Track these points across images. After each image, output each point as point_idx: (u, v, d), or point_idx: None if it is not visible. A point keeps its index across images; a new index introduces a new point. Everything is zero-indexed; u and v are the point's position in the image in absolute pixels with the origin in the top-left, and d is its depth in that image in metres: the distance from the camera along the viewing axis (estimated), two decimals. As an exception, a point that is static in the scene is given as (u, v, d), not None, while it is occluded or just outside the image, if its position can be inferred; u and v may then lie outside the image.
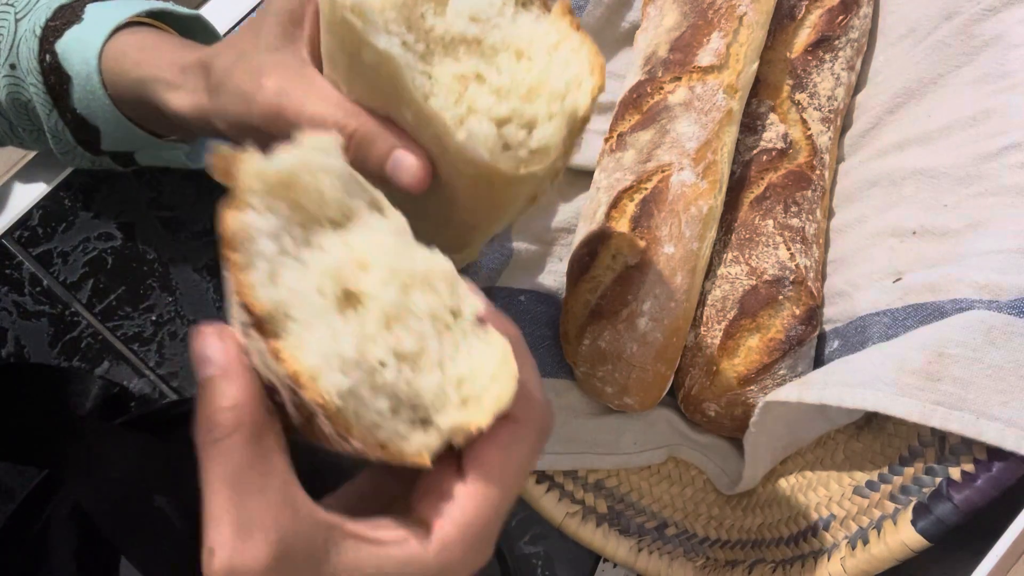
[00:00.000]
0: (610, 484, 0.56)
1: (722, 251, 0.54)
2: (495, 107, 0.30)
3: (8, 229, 0.60)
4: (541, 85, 0.31)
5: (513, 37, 0.31)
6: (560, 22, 0.32)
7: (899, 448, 0.48)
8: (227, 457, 0.25)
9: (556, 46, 0.31)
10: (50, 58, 0.45)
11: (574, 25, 0.31)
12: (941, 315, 0.44)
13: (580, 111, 0.30)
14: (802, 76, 0.56)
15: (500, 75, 0.31)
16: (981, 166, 0.47)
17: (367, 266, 0.26)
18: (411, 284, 0.27)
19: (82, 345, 0.59)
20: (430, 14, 0.31)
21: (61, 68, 0.45)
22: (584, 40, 0.31)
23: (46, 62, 0.46)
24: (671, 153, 0.51)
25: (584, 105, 0.30)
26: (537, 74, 0.31)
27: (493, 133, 0.30)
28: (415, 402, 0.27)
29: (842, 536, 0.47)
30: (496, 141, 0.30)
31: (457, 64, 0.31)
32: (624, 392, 0.53)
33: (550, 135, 0.31)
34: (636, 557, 0.52)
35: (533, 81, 0.31)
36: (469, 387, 0.27)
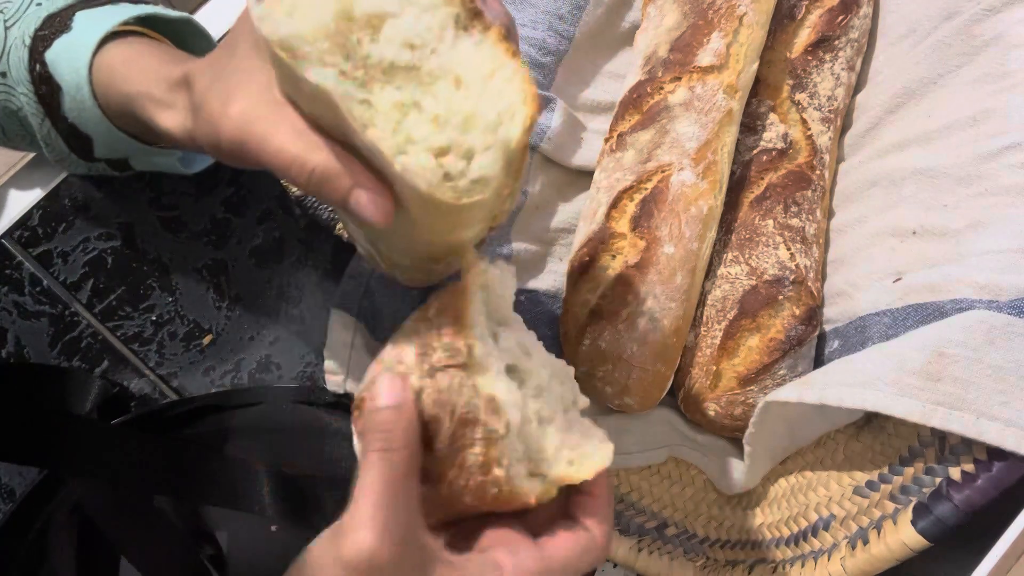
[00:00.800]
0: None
1: (722, 251, 0.54)
2: (433, 137, 0.30)
3: (8, 229, 0.60)
4: (476, 115, 0.30)
5: (452, 63, 0.31)
6: (496, 49, 0.31)
7: (899, 448, 0.48)
8: (392, 467, 0.32)
9: (491, 74, 0.30)
10: (40, 68, 0.45)
11: (509, 52, 0.31)
12: (941, 315, 0.44)
13: (513, 142, 0.30)
14: (802, 76, 0.56)
15: (437, 104, 0.30)
16: (981, 166, 0.47)
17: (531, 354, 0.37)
18: (554, 374, 0.39)
19: (82, 345, 0.59)
20: (366, 40, 0.30)
21: (51, 78, 0.45)
22: (518, 68, 0.30)
23: (36, 71, 0.45)
24: (671, 153, 0.51)
25: (516, 137, 0.30)
26: (472, 104, 0.30)
27: (432, 164, 0.30)
28: (537, 457, 0.35)
29: (842, 536, 0.47)
30: (435, 172, 0.30)
31: (396, 92, 0.31)
32: (624, 392, 0.53)
33: (488, 166, 0.30)
34: (636, 557, 0.52)
35: (469, 111, 0.30)
36: (575, 454, 0.37)
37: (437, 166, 0.30)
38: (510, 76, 0.30)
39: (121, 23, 0.45)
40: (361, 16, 0.30)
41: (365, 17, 0.30)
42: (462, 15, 0.31)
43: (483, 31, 0.31)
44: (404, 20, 0.30)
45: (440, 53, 0.31)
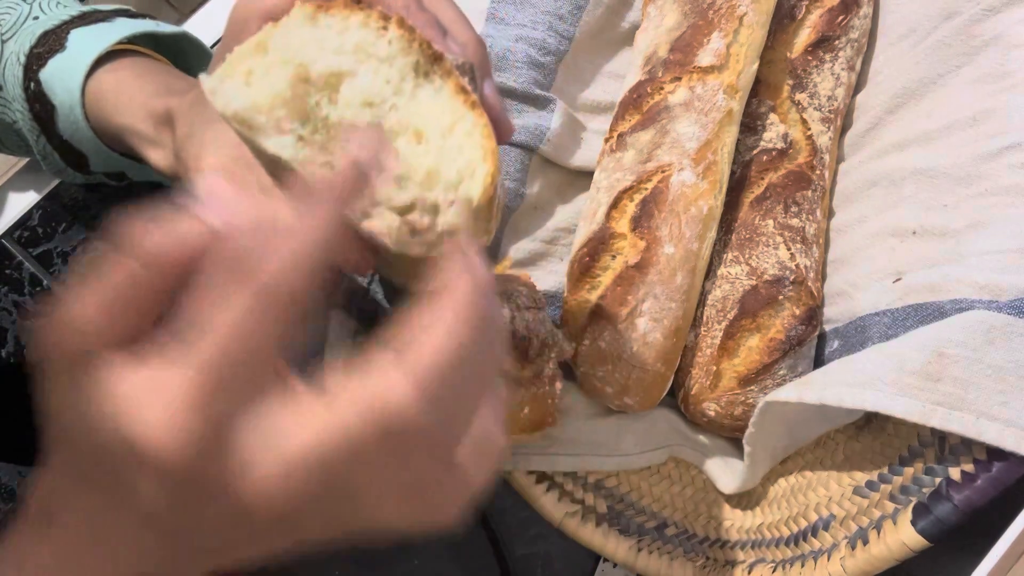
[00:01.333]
0: (610, 484, 0.56)
1: (722, 251, 0.54)
2: (397, 196, 0.29)
3: (8, 229, 0.60)
4: (437, 172, 0.30)
5: (412, 116, 0.30)
6: (455, 101, 0.30)
7: (899, 448, 0.48)
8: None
9: (450, 128, 0.30)
10: (34, 86, 0.45)
11: (468, 103, 0.30)
12: (941, 315, 0.44)
13: (475, 200, 0.29)
14: (802, 76, 0.56)
15: (398, 162, 0.30)
16: (981, 166, 0.47)
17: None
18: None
19: (82, 345, 0.59)
20: (324, 103, 0.30)
21: (45, 97, 0.45)
22: (478, 121, 0.30)
23: (31, 90, 0.45)
24: (671, 153, 0.51)
25: (478, 195, 0.29)
26: (432, 160, 0.30)
27: (396, 223, 0.29)
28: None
29: (842, 536, 0.47)
30: (401, 229, 0.30)
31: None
32: (624, 392, 0.53)
33: (453, 220, 0.30)
34: (636, 557, 0.52)
35: (430, 167, 0.30)
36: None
37: (403, 224, 0.29)
38: (469, 130, 0.30)
39: (115, 44, 0.45)
40: (318, 78, 0.30)
41: (322, 78, 0.30)
42: (421, 61, 0.30)
43: (443, 76, 0.30)
44: (362, 79, 0.30)
45: (399, 107, 0.30)
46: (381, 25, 0.30)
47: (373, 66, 0.30)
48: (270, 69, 0.30)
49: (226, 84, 0.29)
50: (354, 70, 0.30)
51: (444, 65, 0.30)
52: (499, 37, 0.57)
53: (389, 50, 0.30)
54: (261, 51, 0.30)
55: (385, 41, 0.30)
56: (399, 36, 0.30)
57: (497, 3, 0.58)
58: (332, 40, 0.30)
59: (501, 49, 0.57)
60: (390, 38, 0.30)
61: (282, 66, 0.30)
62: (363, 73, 0.30)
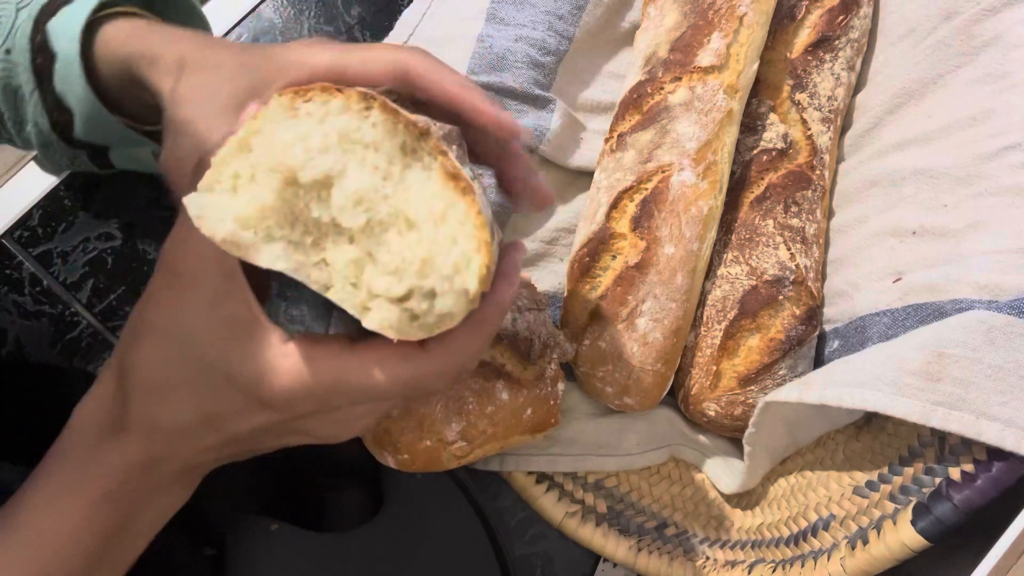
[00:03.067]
0: (610, 484, 0.56)
1: (722, 251, 0.54)
2: (393, 287, 0.29)
3: (8, 229, 0.60)
4: (432, 260, 0.29)
5: (402, 203, 0.30)
6: (445, 187, 0.29)
7: (899, 448, 0.48)
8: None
9: (442, 216, 0.29)
10: (40, 38, 0.46)
11: (459, 189, 0.29)
12: (941, 315, 0.44)
13: (470, 292, 0.29)
14: (802, 76, 0.56)
15: (392, 256, 0.29)
16: (981, 166, 0.47)
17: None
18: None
19: (82, 345, 0.59)
20: (314, 206, 0.30)
21: (48, 47, 0.46)
22: (470, 209, 0.29)
23: (36, 41, 0.46)
24: (671, 153, 0.51)
25: (472, 288, 0.29)
26: (426, 249, 0.29)
27: (395, 315, 0.29)
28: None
29: (842, 536, 0.47)
30: (401, 319, 0.30)
31: (350, 247, 0.30)
32: (624, 392, 0.53)
33: (451, 306, 0.29)
34: (636, 557, 0.52)
35: (424, 256, 0.29)
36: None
37: (402, 312, 0.29)
38: (462, 219, 0.29)
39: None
40: (308, 182, 0.29)
41: (311, 183, 0.29)
42: (408, 141, 0.30)
43: (431, 154, 0.30)
44: (351, 178, 0.29)
45: (389, 196, 0.30)
46: (363, 107, 0.30)
47: (359, 156, 0.30)
48: (256, 174, 0.29)
49: (213, 199, 0.29)
50: (343, 168, 0.29)
51: (431, 142, 0.30)
52: (499, 37, 0.57)
53: (374, 134, 0.30)
54: (244, 150, 0.29)
55: (369, 124, 0.30)
56: (383, 119, 0.29)
57: (497, 3, 0.58)
58: (315, 134, 0.29)
59: (501, 49, 0.57)
60: (373, 121, 0.30)
61: (268, 173, 0.29)
62: (352, 169, 0.29)
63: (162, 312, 0.33)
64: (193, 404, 0.33)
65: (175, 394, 0.33)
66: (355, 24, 0.66)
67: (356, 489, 0.55)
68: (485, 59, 0.56)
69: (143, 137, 0.50)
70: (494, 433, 0.48)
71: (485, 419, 0.47)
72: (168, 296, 0.33)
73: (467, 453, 0.47)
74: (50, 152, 0.51)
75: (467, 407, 0.47)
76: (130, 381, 0.34)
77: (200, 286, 0.32)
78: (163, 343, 0.33)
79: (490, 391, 0.47)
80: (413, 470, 0.47)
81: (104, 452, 0.34)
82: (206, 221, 0.29)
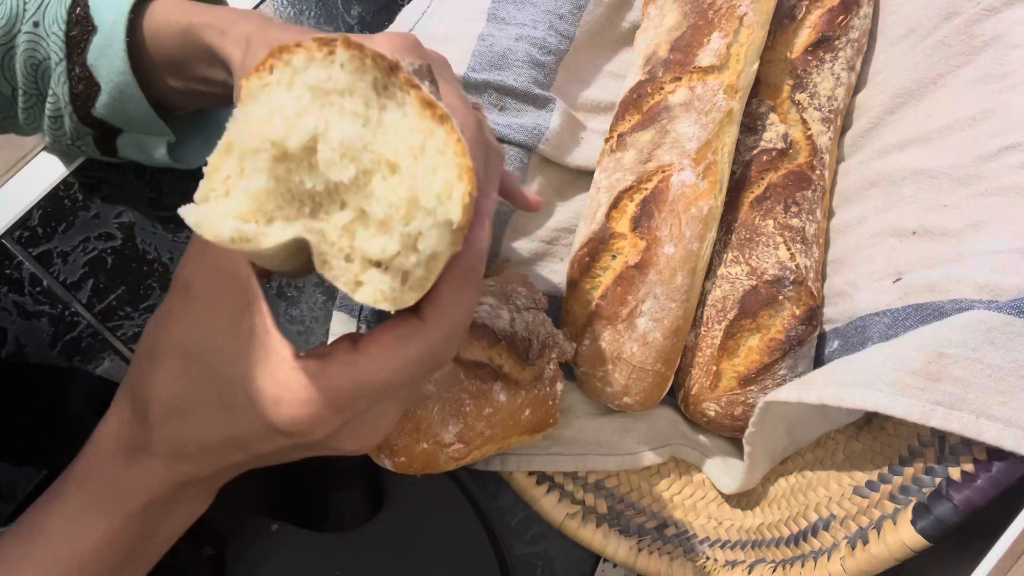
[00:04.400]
0: (610, 484, 0.56)
1: (722, 251, 0.54)
2: (386, 246, 0.29)
3: (8, 229, 0.60)
4: (415, 199, 0.29)
5: (382, 147, 0.29)
6: (422, 116, 0.29)
7: (899, 448, 0.48)
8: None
9: (422, 148, 0.29)
10: (80, 10, 0.47)
11: (436, 117, 0.29)
12: (941, 315, 0.44)
13: (455, 223, 0.28)
14: (802, 76, 0.56)
15: (379, 204, 0.29)
16: (981, 166, 0.47)
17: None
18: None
19: (82, 345, 0.59)
20: (305, 177, 0.29)
21: (88, 19, 0.47)
22: (449, 137, 0.28)
23: (75, 13, 0.47)
24: (671, 153, 0.51)
25: (457, 217, 0.28)
26: (408, 188, 0.29)
27: (387, 283, 0.29)
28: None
29: (842, 536, 0.47)
30: (392, 286, 0.29)
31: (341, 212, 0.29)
32: (624, 392, 0.53)
33: (435, 244, 0.29)
34: (636, 557, 0.52)
35: (408, 196, 0.29)
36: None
37: (393, 278, 0.29)
38: (441, 147, 0.29)
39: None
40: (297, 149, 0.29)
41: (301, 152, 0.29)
42: (379, 77, 0.29)
43: (404, 87, 0.29)
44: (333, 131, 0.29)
45: (370, 144, 0.29)
46: (327, 52, 0.29)
47: (337, 106, 0.29)
48: (244, 165, 0.29)
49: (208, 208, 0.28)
50: (324, 125, 0.29)
51: (401, 75, 0.29)
52: (500, 36, 0.57)
53: (344, 76, 0.29)
54: (229, 151, 0.29)
55: (337, 67, 0.29)
56: (349, 56, 0.29)
57: (498, 2, 0.59)
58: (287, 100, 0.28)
59: (501, 48, 0.57)
60: (340, 61, 0.29)
61: (254, 156, 0.28)
62: (332, 123, 0.29)
63: (180, 331, 0.33)
64: (216, 427, 0.33)
65: (198, 417, 0.33)
66: (355, 24, 0.66)
67: (356, 489, 0.55)
68: (486, 57, 0.56)
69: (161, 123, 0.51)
70: (492, 435, 0.48)
71: (483, 421, 0.47)
72: (185, 315, 0.33)
73: (465, 455, 0.47)
74: (56, 126, 0.51)
75: (464, 409, 0.47)
76: (151, 406, 0.33)
77: (218, 302, 0.32)
78: (183, 364, 0.33)
79: (488, 393, 0.47)
80: (410, 472, 0.47)
81: (128, 475, 0.34)
82: (208, 227, 0.28)
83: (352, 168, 0.29)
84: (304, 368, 0.30)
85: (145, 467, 0.34)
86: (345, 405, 0.31)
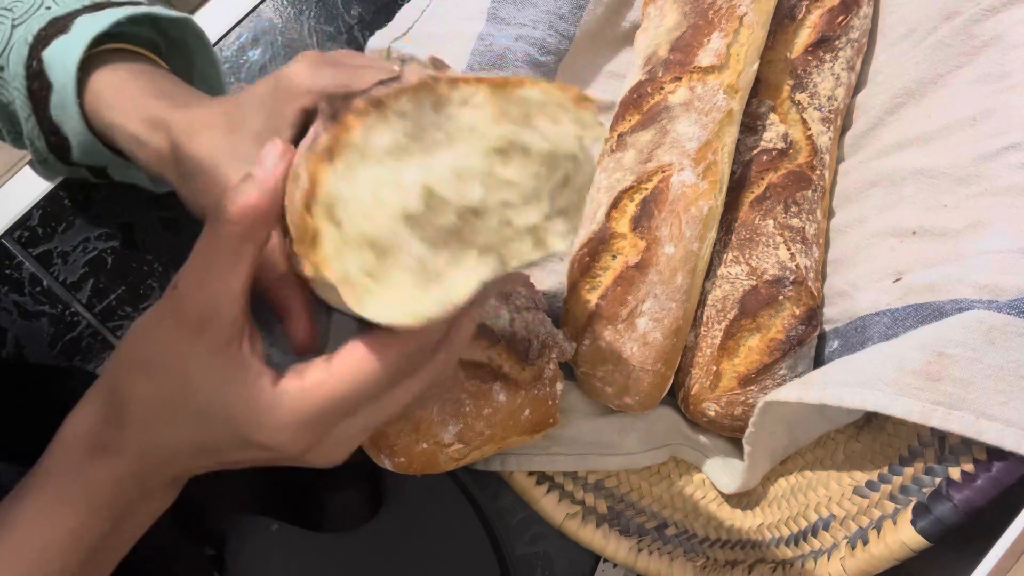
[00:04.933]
0: (610, 484, 0.56)
1: (722, 251, 0.54)
2: (541, 209, 0.30)
3: (8, 229, 0.60)
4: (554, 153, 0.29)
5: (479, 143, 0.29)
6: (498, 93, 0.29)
7: (899, 448, 0.48)
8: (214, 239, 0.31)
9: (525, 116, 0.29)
10: (36, 65, 0.46)
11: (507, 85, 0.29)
12: (941, 315, 0.44)
13: (605, 131, 0.30)
14: (802, 76, 0.56)
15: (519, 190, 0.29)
16: (981, 166, 0.47)
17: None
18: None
19: (82, 345, 0.59)
20: (442, 211, 0.28)
21: (44, 75, 0.46)
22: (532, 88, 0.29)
23: (32, 68, 0.46)
24: (671, 153, 0.51)
25: (601, 129, 0.30)
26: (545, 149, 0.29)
27: (562, 227, 0.30)
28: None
29: (842, 536, 0.47)
30: (564, 228, 0.30)
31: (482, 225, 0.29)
32: (624, 392, 0.53)
33: (587, 172, 0.30)
34: (636, 557, 0.52)
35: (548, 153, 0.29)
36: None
37: (564, 224, 0.31)
38: (542, 97, 0.29)
39: (114, 23, 0.46)
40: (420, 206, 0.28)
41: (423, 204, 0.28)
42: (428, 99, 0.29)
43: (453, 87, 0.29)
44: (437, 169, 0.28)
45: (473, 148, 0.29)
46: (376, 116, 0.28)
47: (417, 148, 0.28)
48: (382, 249, 0.28)
49: (390, 302, 0.28)
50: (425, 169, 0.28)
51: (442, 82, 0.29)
52: (499, 36, 0.57)
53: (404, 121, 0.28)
54: (351, 246, 0.28)
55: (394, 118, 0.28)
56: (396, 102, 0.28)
57: (498, 2, 0.58)
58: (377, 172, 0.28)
59: (501, 48, 0.57)
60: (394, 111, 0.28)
61: (391, 237, 0.28)
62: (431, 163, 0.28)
63: (163, 351, 0.33)
64: (190, 436, 0.34)
65: (173, 427, 0.34)
66: (355, 24, 0.66)
67: (356, 489, 0.55)
68: (485, 57, 0.56)
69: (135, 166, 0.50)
70: (491, 435, 0.48)
71: (482, 421, 0.47)
72: (171, 335, 0.33)
73: (464, 455, 0.47)
74: (48, 167, 0.51)
75: (464, 409, 0.47)
76: (126, 410, 0.34)
77: (206, 332, 0.32)
78: (161, 381, 0.33)
79: (487, 393, 0.47)
80: (410, 473, 0.47)
81: (96, 471, 0.35)
82: (406, 317, 0.28)
83: (478, 185, 0.29)
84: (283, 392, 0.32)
85: (113, 464, 0.35)
86: (319, 425, 0.32)
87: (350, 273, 0.28)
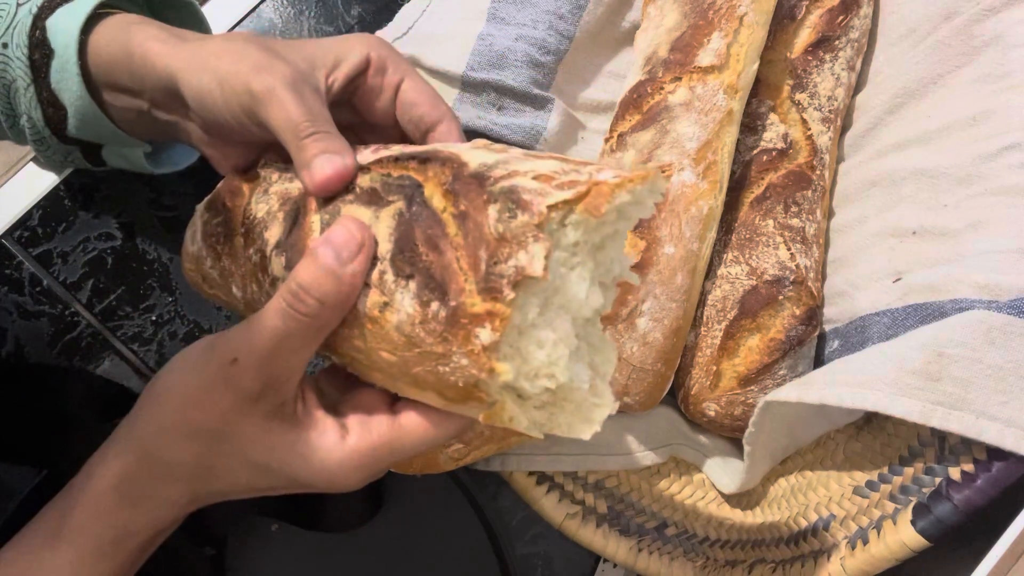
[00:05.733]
0: (610, 484, 0.56)
1: (722, 251, 0.54)
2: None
3: (8, 229, 0.60)
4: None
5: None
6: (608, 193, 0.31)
7: (899, 448, 0.48)
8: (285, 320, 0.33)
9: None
10: (39, 33, 0.47)
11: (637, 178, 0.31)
12: (941, 315, 0.44)
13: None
14: (802, 76, 0.56)
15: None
16: (981, 166, 0.47)
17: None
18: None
19: (82, 345, 0.59)
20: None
21: (46, 43, 0.46)
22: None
23: (35, 37, 0.47)
24: (671, 153, 0.51)
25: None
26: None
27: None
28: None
29: (842, 536, 0.47)
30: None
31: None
32: (624, 392, 0.53)
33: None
34: (636, 557, 0.52)
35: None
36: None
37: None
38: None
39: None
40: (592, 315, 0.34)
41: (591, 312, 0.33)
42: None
43: (538, 240, 0.30)
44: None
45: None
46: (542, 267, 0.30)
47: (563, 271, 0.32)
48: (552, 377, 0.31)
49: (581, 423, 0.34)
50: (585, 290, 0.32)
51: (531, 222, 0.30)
52: (499, 36, 0.57)
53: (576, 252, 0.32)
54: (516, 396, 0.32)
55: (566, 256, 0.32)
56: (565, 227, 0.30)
57: (498, 2, 0.58)
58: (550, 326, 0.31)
59: (501, 48, 0.57)
60: (567, 242, 0.31)
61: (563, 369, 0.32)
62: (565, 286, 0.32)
63: (218, 420, 0.35)
64: (246, 482, 0.36)
65: (230, 477, 0.36)
66: (355, 24, 0.66)
67: (356, 489, 0.55)
68: (485, 57, 0.56)
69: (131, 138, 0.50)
70: (492, 435, 0.48)
71: None
72: (227, 406, 0.35)
73: (464, 455, 0.47)
74: (43, 147, 0.51)
75: None
76: (175, 470, 0.36)
77: (262, 400, 0.34)
78: (216, 447, 0.35)
79: None
80: (410, 473, 0.47)
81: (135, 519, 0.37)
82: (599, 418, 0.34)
83: (598, 294, 0.34)
84: (355, 449, 0.34)
85: (156, 511, 0.37)
86: (379, 472, 0.36)
87: (536, 420, 0.33)
